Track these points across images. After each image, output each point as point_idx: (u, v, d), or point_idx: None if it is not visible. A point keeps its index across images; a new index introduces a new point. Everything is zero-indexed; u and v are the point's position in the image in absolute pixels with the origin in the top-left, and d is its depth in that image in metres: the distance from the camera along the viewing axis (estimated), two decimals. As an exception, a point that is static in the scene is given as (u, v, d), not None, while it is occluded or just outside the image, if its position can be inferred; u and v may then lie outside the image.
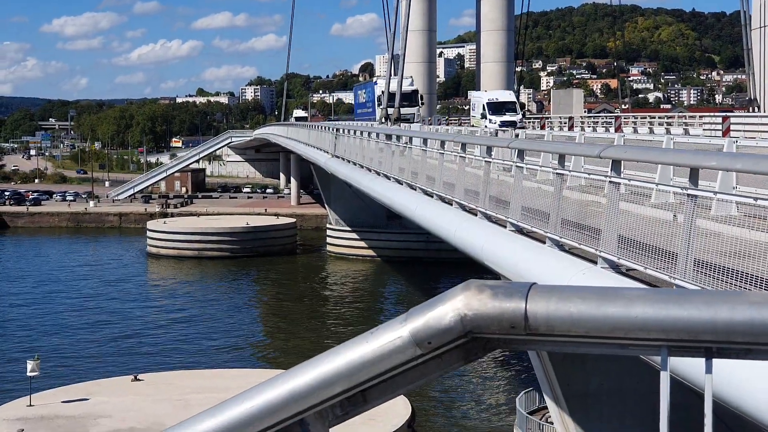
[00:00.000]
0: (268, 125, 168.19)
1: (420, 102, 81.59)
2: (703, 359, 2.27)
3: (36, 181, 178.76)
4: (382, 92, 78.19)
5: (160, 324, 64.72)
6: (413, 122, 74.79)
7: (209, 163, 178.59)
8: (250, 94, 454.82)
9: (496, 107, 65.83)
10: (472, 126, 67.31)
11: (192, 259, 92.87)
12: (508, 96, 70.43)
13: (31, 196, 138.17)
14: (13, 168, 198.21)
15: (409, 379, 2.42)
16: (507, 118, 63.23)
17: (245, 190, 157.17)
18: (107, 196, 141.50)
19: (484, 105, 66.61)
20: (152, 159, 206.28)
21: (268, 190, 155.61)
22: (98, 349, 57.43)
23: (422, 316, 2.35)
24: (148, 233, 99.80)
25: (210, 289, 79.08)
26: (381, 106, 77.69)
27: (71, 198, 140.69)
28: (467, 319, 2.30)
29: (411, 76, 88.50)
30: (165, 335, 61.27)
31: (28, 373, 39.29)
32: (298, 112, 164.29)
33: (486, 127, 60.28)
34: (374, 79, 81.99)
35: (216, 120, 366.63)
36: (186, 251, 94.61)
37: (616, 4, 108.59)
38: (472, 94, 76.72)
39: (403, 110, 75.24)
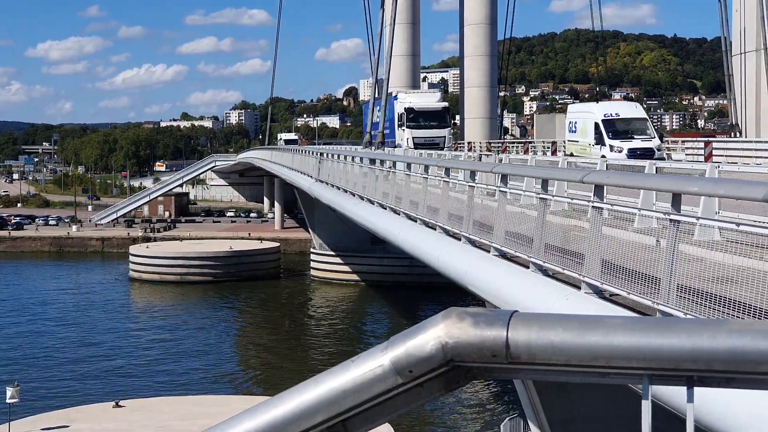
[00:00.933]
0: (252, 149, 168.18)
1: (451, 122, 68.58)
2: (685, 388, 2.26)
3: (18, 205, 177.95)
4: (406, 109, 65.08)
5: (142, 349, 64.36)
6: (443, 148, 61.44)
7: (193, 187, 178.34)
8: (234, 118, 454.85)
9: (618, 127, 44.87)
10: (573, 155, 44.52)
11: (175, 284, 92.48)
12: (634, 110, 47.99)
13: (13, 221, 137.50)
14: (4, 192, 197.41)
15: (390, 408, 2.40)
16: (638, 144, 43.36)
17: (229, 214, 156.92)
18: (90, 221, 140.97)
19: (598, 124, 45.20)
20: (135, 183, 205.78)
21: (252, 215, 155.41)
22: (79, 375, 57.03)
23: (403, 344, 2.34)
24: (131, 258, 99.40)
25: (193, 314, 78.72)
26: (403, 126, 64.76)
27: (54, 222, 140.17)
28: (448, 347, 2.29)
29: (441, 88, 73.15)
30: (147, 361, 60.90)
31: (8, 400, 38.94)
32: (287, 135, 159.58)
33: (604, 156, 39.21)
34: (394, 92, 70.85)
35: (200, 144, 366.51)
36: (169, 276, 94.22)
37: (598, 29, 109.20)
38: (573, 108, 54.82)
39: (429, 133, 63.65)
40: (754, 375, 2.18)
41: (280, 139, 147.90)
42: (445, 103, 70.05)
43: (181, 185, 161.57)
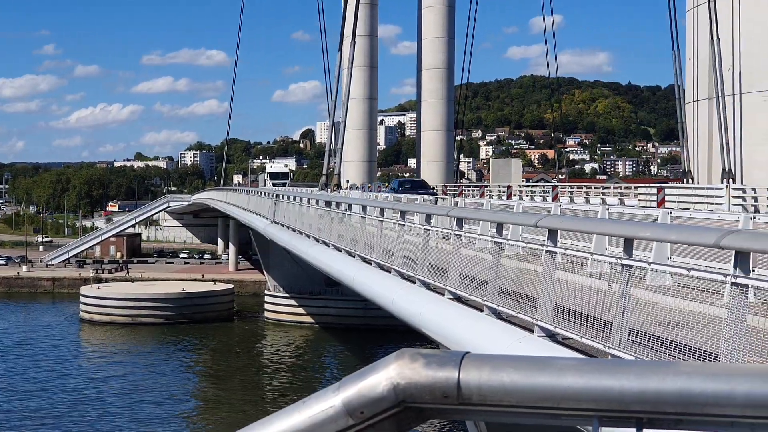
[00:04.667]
0: (207, 190, 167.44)
1: None
2: (635, 430, 2.27)
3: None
4: None
5: (91, 392, 63.50)
6: None
7: (146, 228, 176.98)
8: (189, 158, 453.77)
9: None
10: None
11: (126, 326, 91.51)
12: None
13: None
14: None
15: (340, 449, 2.38)
16: None
17: (182, 255, 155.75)
18: (41, 261, 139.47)
19: None
20: (87, 223, 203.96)
21: (206, 256, 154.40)
22: (27, 418, 56.13)
23: (355, 385, 2.33)
24: (82, 299, 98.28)
25: (144, 356, 77.87)
26: None
27: (2, 262, 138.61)
28: (400, 388, 2.29)
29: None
30: (96, 404, 60.08)
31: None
32: (276, 166, 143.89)
33: None
34: None
35: (154, 184, 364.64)
36: (120, 317, 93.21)
37: (553, 76, 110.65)
38: None
39: None
40: (703, 417, 2.20)
41: (265, 172, 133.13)
42: None
43: (133, 226, 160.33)
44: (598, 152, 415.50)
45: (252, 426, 2.39)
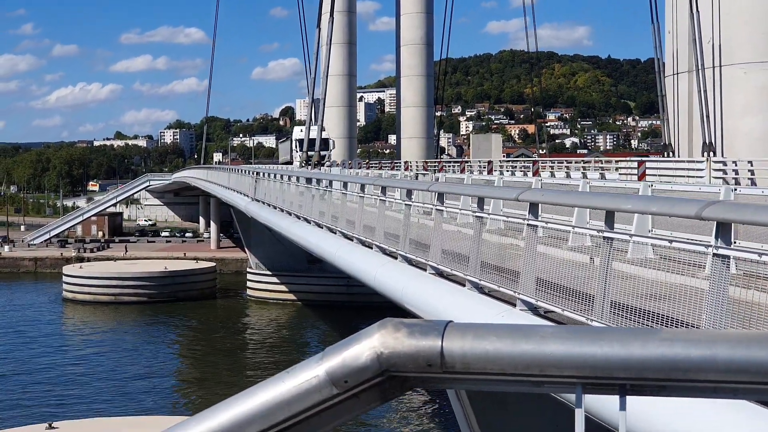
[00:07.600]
0: (188, 168, 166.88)
1: None
2: (617, 396, 2.28)
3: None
4: None
5: (75, 370, 63.39)
6: None
7: (127, 207, 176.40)
8: (169, 137, 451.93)
9: None
10: None
11: (109, 304, 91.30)
12: None
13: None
14: None
15: (325, 419, 2.39)
16: None
17: (164, 234, 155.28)
18: (23, 241, 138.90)
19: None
20: (69, 203, 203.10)
21: (187, 234, 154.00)
22: (11, 397, 56.00)
23: (338, 354, 2.33)
24: (64, 278, 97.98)
25: (127, 334, 77.75)
26: None
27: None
28: (384, 357, 2.29)
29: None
30: (81, 382, 60.00)
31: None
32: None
33: None
34: None
35: (134, 163, 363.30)
36: (103, 296, 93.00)
37: (533, 51, 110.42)
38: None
39: None
40: (686, 382, 2.21)
41: (290, 140, 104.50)
42: None
43: (114, 205, 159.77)
44: (579, 126, 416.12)
45: (237, 396, 2.39)
